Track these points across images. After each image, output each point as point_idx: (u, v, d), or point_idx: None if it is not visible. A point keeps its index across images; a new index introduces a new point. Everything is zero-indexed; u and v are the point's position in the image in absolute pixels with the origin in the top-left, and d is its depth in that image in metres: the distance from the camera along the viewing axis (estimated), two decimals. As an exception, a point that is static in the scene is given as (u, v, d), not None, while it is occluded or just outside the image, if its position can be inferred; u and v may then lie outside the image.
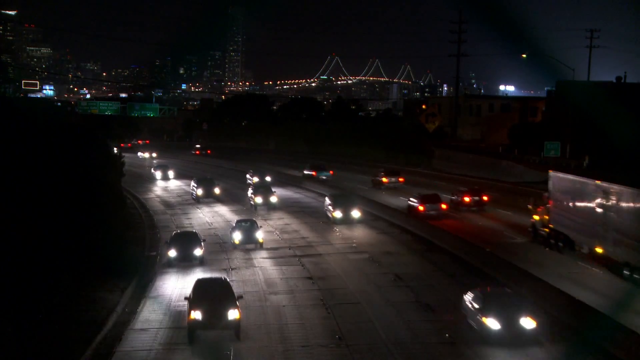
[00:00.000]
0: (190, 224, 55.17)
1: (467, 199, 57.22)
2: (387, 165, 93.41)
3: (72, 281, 32.76)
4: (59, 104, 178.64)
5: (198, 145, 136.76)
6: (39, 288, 29.13)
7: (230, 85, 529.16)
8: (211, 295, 27.53)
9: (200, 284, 28.90)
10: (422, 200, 53.99)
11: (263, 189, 63.11)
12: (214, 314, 26.65)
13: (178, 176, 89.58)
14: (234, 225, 46.55)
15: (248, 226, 45.58)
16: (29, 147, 34.79)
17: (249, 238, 44.71)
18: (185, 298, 28.97)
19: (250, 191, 63.79)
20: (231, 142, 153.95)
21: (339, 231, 50.92)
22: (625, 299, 29.16)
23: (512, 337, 25.27)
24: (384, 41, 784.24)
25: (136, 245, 45.96)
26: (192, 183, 69.91)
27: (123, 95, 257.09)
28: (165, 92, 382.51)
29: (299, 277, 37.29)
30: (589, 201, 39.08)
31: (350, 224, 52.33)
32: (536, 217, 44.73)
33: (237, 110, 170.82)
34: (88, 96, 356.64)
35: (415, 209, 53.58)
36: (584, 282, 33.65)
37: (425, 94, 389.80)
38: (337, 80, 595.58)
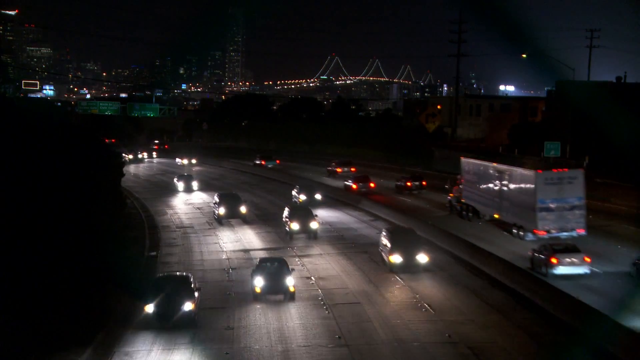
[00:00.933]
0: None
1: (409, 184, 70.59)
2: (386, 164, 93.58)
3: (72, 281, 32.77)
4: (59, 104, 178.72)
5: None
6: (38, 288, 29.13)
7: (230, 85, 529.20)
8: None
9: None
10: (356, 180, 71.24)
11: (302, 213, 48.62)
12: None
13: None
14: (256, 266, 34.84)
15: (275, 269, 33.54)
16: (28, 147, 34.78)
17: (276, 286, 32.73)
18: None
19: (285, 213, 49.16)
20: (231, 142, 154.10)
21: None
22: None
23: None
24: (384, 41, 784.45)
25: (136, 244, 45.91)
26: (214, 199, 57.72)
27: (123, 95, 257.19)
28: (165, 92, 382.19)
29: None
30: (489, 179, 50.65)
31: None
32: (452, 195, 56.59)
33: (237, 110, 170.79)
34: (88, 96, 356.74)
35: (350, 187, 70.16)
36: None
37: (425, 94, 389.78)
38: (337, 80, 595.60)
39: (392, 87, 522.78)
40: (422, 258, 36.94)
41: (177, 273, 35.81)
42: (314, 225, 47.27)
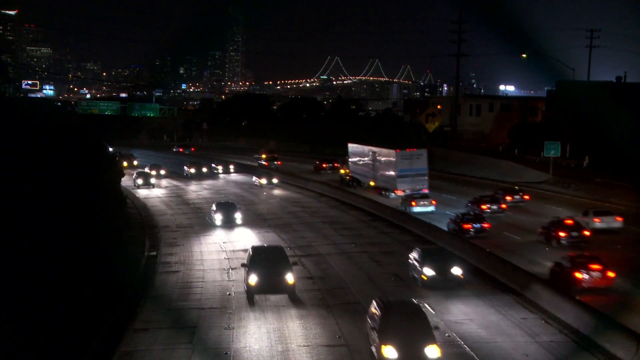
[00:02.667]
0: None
1: (324, 165, 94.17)
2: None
3: (71, 281, 32.77)
4: (59, 104, 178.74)
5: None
6: (38, 288, 29.13)
7: (230, 85, 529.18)
8: None
9: None
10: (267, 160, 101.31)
11: None
12: None
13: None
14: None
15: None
16: (27, 147, 34.78)
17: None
18: None
19: None
20: (231, 141, 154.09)
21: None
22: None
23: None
24: (384, 41, 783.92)
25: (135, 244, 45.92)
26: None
27: (123, 95, 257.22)
28: (165, 92, 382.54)
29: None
30: (366, 158, 73.63)
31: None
32: (342, 171, 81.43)
33: (237, 110, 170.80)
34: (88, 96, 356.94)
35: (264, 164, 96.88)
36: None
37: (425, 94, 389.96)
38: (337, 80, 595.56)
39: (392, 87, 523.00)
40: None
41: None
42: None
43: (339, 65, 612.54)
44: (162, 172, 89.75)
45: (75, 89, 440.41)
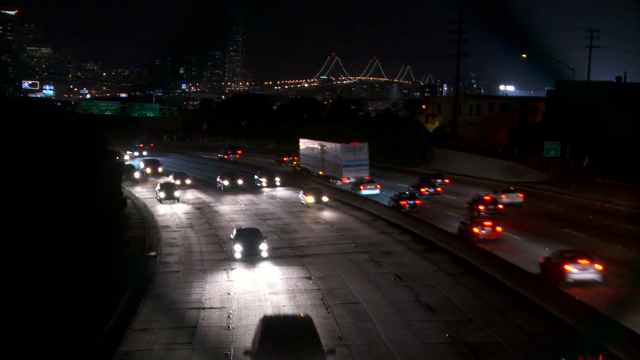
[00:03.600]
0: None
1: (285, 159, 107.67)
2: (387, 164, 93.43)
3: (71, 281, 32.78)
4: (59, 104, 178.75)
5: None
6: (38, 288, 29.13)
7: (230, 85, 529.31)
8: None
9: None
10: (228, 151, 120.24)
11: None
12: None
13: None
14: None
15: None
16: (28, 147, 34.78)
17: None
18: None
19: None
20: (231, 142, 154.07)
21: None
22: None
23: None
24: (384, 41, 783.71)
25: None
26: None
27: (123, 95, 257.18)
28: (165, 92, 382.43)
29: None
30: (315, 151, 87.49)
31: None
32: (294, 163, 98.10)
33: (237, 110, 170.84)
34: (88, 96, 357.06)
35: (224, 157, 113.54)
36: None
37: (425, 94, 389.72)
38: (337, 80, 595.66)
39: (392, 87, 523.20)
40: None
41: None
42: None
43: (339, 65, 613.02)
44: (188, 181, 77.87)
45: (75, 89, 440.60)
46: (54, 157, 36.29)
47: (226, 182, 74.69)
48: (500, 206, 54.83)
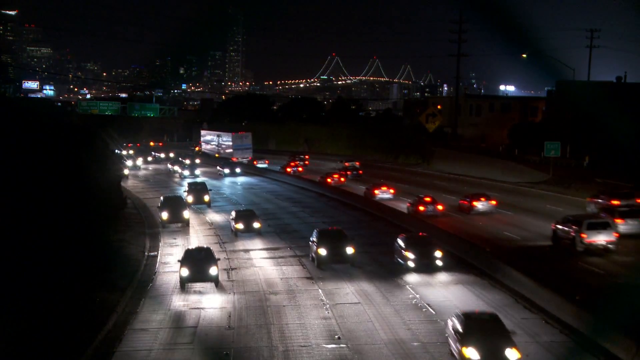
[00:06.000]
0: None
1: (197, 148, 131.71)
2: (387, 164, 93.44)
3: (71, 281, 32.78)
4: (59, 104, 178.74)
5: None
6: (38, 288, 29.13)
7: (230, 85, 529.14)
8: None
9: None
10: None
11: None
12: None
13: None
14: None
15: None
16: (29, 147, 34.79)
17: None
18: None
19: None
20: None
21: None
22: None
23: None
24: (384, 41, 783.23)
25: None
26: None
27: (123, 95, 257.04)
28: (166, 92, 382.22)
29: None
30: (213, 139, 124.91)
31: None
32: (196, 149, 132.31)
33: (237, 110, 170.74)
34: (88, 96, 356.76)
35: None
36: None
37: (425, 94, 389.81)
38: (337, 80, 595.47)
39: (392, 87, 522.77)
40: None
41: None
42: None
43: (339, 65, 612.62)
44: (256, 225, 48.84)
45: (76, 89, 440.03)
46: (53, 158, 36.31)
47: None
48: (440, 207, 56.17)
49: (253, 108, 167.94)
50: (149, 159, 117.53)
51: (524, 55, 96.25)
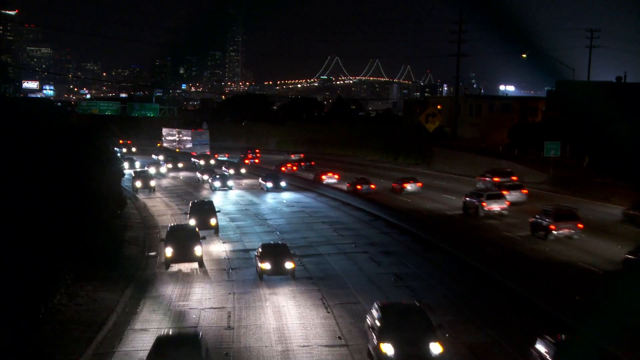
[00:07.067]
0: None
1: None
2: (386, 165, 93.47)
3: (72, 281, 32.80)
4: (59, 104, 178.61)
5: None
6: (38, 288, 29.13)
7: (230, 85, 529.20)
8: None
9: None
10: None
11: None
12: None
13: None
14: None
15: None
16: (29, 147, 34.78)
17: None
18: None
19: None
20: (231, 142, 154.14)
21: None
22: None
23: None
24: (384, 41, 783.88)
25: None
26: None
27: (123, 95, 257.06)
28: (165, 92, 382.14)
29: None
30: (174, 135, 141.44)
31: None
32: (159, 145, 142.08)
33: (237, 110, 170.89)
34: (88, 96, 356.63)
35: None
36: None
37: (425, 94, 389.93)
38: (337, 80, 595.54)
39: (392, 87, 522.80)
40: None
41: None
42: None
43: (339, 65, 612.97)
44: (289, 265, 36.49)
45: (76, 89, 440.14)
46: (53, 158, 36.28)
47: None
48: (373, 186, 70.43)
49: (253, 108, 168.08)
50: (180, 165, 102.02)
51: (524, 55, 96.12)
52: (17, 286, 27.45)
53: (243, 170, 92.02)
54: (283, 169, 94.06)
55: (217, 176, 78.09)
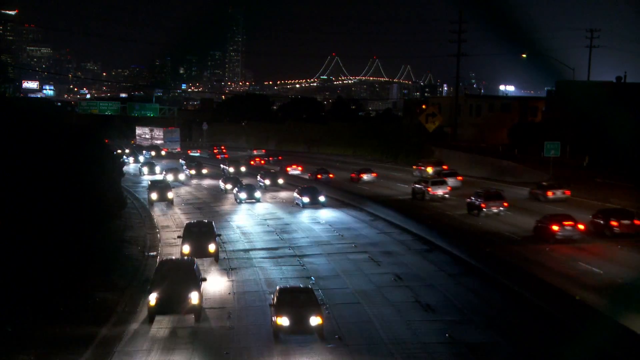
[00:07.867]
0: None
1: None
2: (386, 164, 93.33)
3: (72, 281, 32.78)
4: (59, 104, 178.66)
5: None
6: (38, 288, 29.14)
7: (230, 85, 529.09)
8: None
9: None
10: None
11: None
12: None
13: None
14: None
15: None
16: (29, 147, 34.78)
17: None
18: None
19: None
20: (231, 142, 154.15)
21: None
22: None
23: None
24: (384, 41, 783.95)
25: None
26: None
27: (123, 95, 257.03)
28: (165, 92, 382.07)
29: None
30: (147, 133, 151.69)
31: None
32: (132, 142, 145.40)
33: (237, 110, 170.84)
34: (88, 96, 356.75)
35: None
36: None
37: (425, 94, 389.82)
38: (337, 80, 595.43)
39: (392, 87, 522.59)
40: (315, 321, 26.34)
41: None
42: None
43: (339, 65, 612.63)
44: (315, 320, 27.02)
45: (75, 89, 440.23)
46: (53, 158, 36.28)
47: None
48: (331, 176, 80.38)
49: (253, 108, 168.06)
50: (204, 171, 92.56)
51: (524, 55, 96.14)
52: (17, 286, 27.46)
53: (281, 181, 76.78)
54: (252, 162, 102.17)
55: (243, 186, 67.55)
